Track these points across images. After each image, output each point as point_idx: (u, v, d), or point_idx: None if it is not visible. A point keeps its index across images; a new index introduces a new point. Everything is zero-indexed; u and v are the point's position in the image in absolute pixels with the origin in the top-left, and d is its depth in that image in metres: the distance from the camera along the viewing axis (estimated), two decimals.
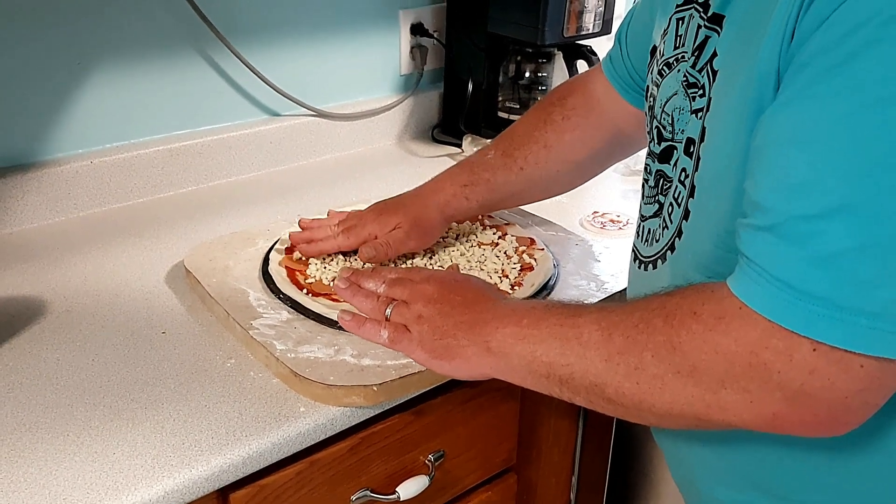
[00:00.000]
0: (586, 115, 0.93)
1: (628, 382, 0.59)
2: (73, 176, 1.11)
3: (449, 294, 0.75)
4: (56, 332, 0.85)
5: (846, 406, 0.52)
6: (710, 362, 0.55)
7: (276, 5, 1.25)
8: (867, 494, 0.63)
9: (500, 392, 0.90)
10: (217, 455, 0.68)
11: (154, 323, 0.87)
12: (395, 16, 1.39)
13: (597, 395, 0.62)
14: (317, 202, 1.16)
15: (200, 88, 1.22)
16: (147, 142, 1.18)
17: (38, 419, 0.72)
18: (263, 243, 0.99)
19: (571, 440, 1.09)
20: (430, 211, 0.94)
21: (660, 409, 0.59)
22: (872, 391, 0.51)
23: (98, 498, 0.63)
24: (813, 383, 0.51)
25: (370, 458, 0.80)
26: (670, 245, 0.68)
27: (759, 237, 0.53)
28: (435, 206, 0.94)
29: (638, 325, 0.59)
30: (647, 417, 0.62)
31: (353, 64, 1.37)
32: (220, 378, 0.78)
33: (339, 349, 0.78)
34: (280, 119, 1.30)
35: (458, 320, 0.72)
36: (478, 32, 1.34)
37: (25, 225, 1.09)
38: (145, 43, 1.14)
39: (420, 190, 0.97)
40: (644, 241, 0.74)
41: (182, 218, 1.12)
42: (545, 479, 1.08)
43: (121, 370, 0.79)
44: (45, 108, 1.09)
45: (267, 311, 0.85)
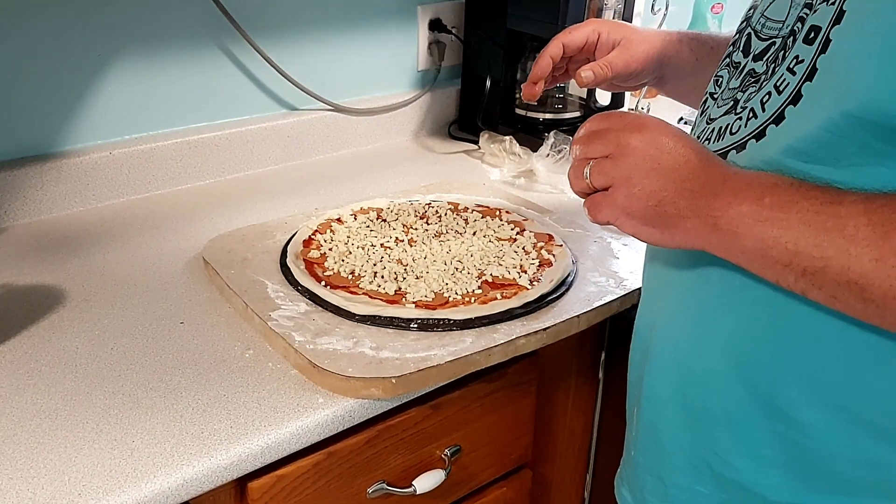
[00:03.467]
0: None
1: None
2: (92, 167, 1.11)
3: (667, 151, 0.62)
4: (75, 321, 0.85)
5: None
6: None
7: (297, 0, 1.25)
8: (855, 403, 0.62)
9: (517, 388, 0.90)
10: (235, 444, 0.68)
11: (172, 313, 0.87)
12: (414, 11, 1.39)
13: (852, 294, 0.56)
14: (333, 196, 1.17)
15: (220, 82, 1.22)
16: (166, 134, 1.19)
17: (57, 406, 0.72)
18: (281, 236, 0.99)
19: (587, 438, 1.09)
20: (654, 38, 0.89)
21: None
22: None
23: (117, 485, 0.64)
24: None
25: (387, 450, 0.80)
26: (757, 133, 0.63)
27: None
28: (658, 36, 0.90)
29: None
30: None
31: (371, 59, 1.37)
32: (239, 368, 0.78)
33: (358, 341, 0.78)
34: (298, 113, 1.31)
35: (681, 186, 0.61)
36: (496, 29, 1.34)
37: (44, 215, 1.09)
38: (165, 36, 1.14)
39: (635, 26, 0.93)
40: (705, 141, 0.69)
41: (200, 210, 1.13)
42: (560, 477, 1.08)
43: (140, 359, 0.79)
44: (65, 99, 1.10)
45: (285, 302, 0.85)
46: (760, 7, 0.70)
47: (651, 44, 0.89)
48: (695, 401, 0.70)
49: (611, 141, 0.64)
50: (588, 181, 0.65)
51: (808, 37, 0.61)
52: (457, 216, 1.05)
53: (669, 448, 0.73)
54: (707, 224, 0.61)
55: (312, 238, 0.97)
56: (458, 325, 0.81)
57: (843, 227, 0.55)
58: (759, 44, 0.67)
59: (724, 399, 0.68)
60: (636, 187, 0.62)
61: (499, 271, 0.91)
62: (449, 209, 1.06)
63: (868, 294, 0.55)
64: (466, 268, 0.92)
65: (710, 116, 0.71)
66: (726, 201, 0.60)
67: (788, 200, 0.58)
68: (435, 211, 1.05)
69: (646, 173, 0.62)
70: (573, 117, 1.38)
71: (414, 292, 0.86)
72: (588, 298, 0.89)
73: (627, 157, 0.63)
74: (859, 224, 0.55)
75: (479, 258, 0.94)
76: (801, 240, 0.57)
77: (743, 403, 0.67)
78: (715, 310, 0.67)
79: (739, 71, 0.69)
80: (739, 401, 0.67)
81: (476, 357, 0.79)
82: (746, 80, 0.67)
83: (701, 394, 0.69)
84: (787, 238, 0.57)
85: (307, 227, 0.99)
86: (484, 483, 0.93)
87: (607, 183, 0.64)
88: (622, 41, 0.88)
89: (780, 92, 0.62)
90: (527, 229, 1.02)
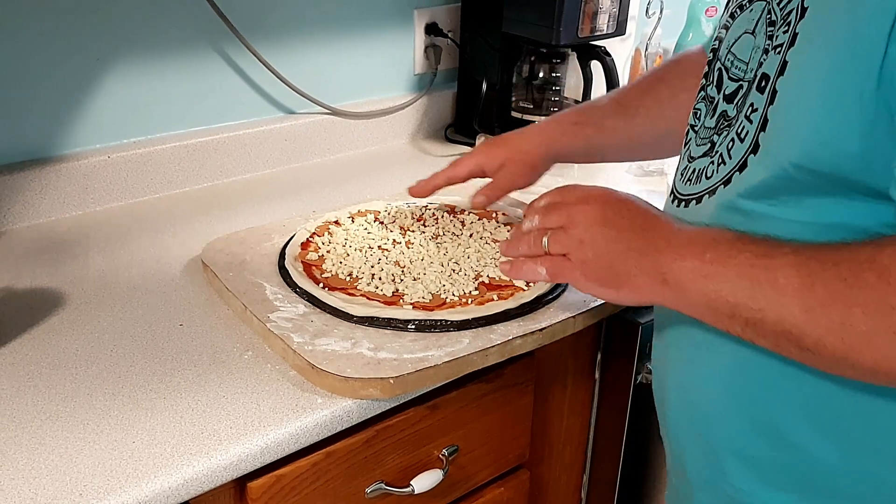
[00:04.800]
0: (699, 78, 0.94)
1: (831, 336, 0.56)
2: (90, 170, 1.12)
3: (613, 216, 0.69)
4: (75, 324, 0.86)
5: None
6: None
7: (293, 4, 1.26)
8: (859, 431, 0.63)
9: (514, 389, 0.90)
10: (235, 445, 0.69)
11: (172, 315, 0.87)
12: (410, 15, 1.40)
13: (789, 343, 0.59)
14: (331, 199, 1.17)
15: (217, 85, 1.23)
16: (164, 137, 1.19)
17: (58, 408, 0.73)
18: (279, 238, 0.99)
19: (584, 439, 1.09)
20: (537, 147, 0.94)
21: (865, 365, 0.56)
22: None
23: (118, 485, 0.64)
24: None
25: (385, 450, 0.81)
26: (726, 179, 0.66)
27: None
28: (542, 142, 0.95)
29: (846, 278, 0.55)
30: (845, 371, 0.59)
31: (367, 63, 1.38)
32: (238, 370, 0.78)
33: (356, 342, 0.79)
34: (295, 117, 1.31)
35: (628, 246, 0.67)
36: (492, 32, 1.35)
37: (43, 218, 1.10)
38: (163, 40, 1.15)
39: (528, 128, 0.98)
40: (687, 182, 0.72)
41: (198, 213, 1.13)
42: (557, 477, 1.08)
43: (139, 361, 0.80)
44: (64, 103, 1.10)
45: (284, 304, 0.85)
46: (726, 42, 0.71)
47: (533, 155, 0.95)
48: (707, 437, 0.72)
49: (563, 213, 0.71)
50: (546, 249, 0.72)
51: (760, 85, 0.63)
52: (453, 218, 1.05)
53: (695, 482, 0.76)
54: (656, 280, 0.65)
55: (310, 240, 0.98)
56: (456, 325, 0.82)
57: (775, 279, 0.58)
58: (729, 84, 0.69)
59: (731, 433, 0.69)
60: (588, 252, 0.69)
61: (495, 273, 0.92)
62: (445, 211, 1.07)
63: (803, 343, 0.58)
64: (463, 269, 0.92)
65: (690, 154, 0.73)
66: (671, 258, 0.64)
67: (727, 255, 0.62)
68: (432, 213, 1.06)
69: (596, 239, 0.68)
70: None
71: (411, 294, 0.87)
72: (584, 299, 0.90)
73: (578, 227, 0.70)
74: (789, 276, 0.58)
75: (475, 260, 0.95)
76: (739, 293, 0.60)
77: (749, 436, 0.68)
78: (712, 350, 0.69)
79: (714, 108, 0.71)
80: (745, 434, 0.68)
81: (473, 357, 0.80)
82: (721, 123, 0.69)
83: (711, 430, 0.71)
84: (727, 291, 0.61)
85: (305, 230, 0.99)
86: (481, 483, 0.94)
87: (564, 250, 0.71)
88: (505, 163, 0.95)
89: (742, 140, 0.65)
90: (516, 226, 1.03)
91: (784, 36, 0.61)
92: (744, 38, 0.68)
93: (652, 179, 1.31)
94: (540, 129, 0.97)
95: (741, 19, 0.69)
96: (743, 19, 0.69)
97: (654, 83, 0.94)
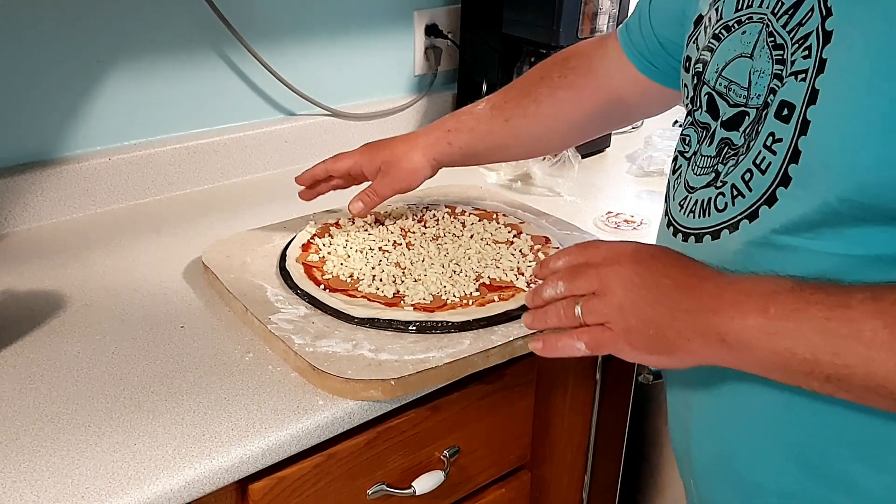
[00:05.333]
0: (585, 76, 0.93)
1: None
2: (91, 173, 1.12)
3: (651, 275, 0.62)
4: (76, 326, 0.86)
5: None
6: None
7: (293, 6, 1.26)
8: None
9: (515, 390, 0.90)
10: (237, 446, 0.69)
11: (173, 318, 0.88)
12: (410, 17, 1.40)
13: (881, 397, 0.54)
14: (331, 200, 1.17)
15: (217, 87, 1.23)
16: (164, 139, 1.19)
17: (59, 410, 0.73)
18: (280, 240, 1.00)
19: (585, 439, 1.09)
20: (414, 153, 0.96)
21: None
22: None
23: (120, 487, 0.64)
24: None
25: (387, 452, 0.81)
26: (749, 213, 0.62)
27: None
28: (419, 147, 0.96)
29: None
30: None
31: (367, 64, 1.38)
32: (239, 372, 0.78)
33: (357, 344, 0.79)
34: (295, 118, 1.31)
35: (676, 307, 0.60)
36: (492, 33, 1.35)
37: (44, 221, 1.10)
38: (163, 42, 1.15)
39: (409, 134, 0.99)
40: (690, 214, 0.69)
41: (199, 215, 1.13)
42: (558, 478, 1.08)
43: (141, 363, 0.80)
44: (64, 105, 1.10)
45: (285, 306, 0.85)
46: (713, 65, 0.68)
47: (413, 160, 0.96)
48: (744, 475, 0.68)
49: (593, 277, 0.64)
50: (581, 319, 0.64)
51: (782, 113, 0.60)
52: (454, 219, 1.05)
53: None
54: (713, 342, 0.59)
55: (311, 242, 0.98)
56: (457, 327, 0.82)
57: (860, 332, 0.53)
58: (728, 109, 0.66)
59: (775, 474, 0.66)
60: (632, 319, 0.61)
61: (496, 274, 0.92)
62: (446, 212, 1.07)
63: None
64: (464, 270, 0.93)
65: (688, 183, 0.70)
66: (729, 316, 0.58)
67: (794, 308, 0.56)
68: (432, 214, 1.06)
69: (637, 304, 0.61)
70: None
71: (412, 295, 0.87)
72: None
73: (615, 292, 0.62)
74: (876, 328, 0.53)
75: (476, 261, 0.95)
76: (818, 350, 0.55)
77: (796, 477, 0.65)
78: (752, 388, 0.65)
79: (711, 136, 0.68)
80: (791, 475, 0.65)
81: (474, 359, 0.80)
82: (726, 152, 0.66)
83: (749, 469, 0.67)
84: (803, 349, 0.55)
85: (306, 232, 1.00)
86: (483, 484, 0.94)
87: (602, 320, 0.63)
88: (382, 166, 0.96)
89: (763, 172, 0.61)
90: (523, 232, 1.03)
91: (806, 62, 0.58)
92: (738, 61, 0.65)
93: (652, 180, 1.31)
94: (417, 134, 0.98)
95: (730, 41, 0.67)
96: (733, 41, 0.66)
97: (535, 81, 0.96)
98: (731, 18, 0.67)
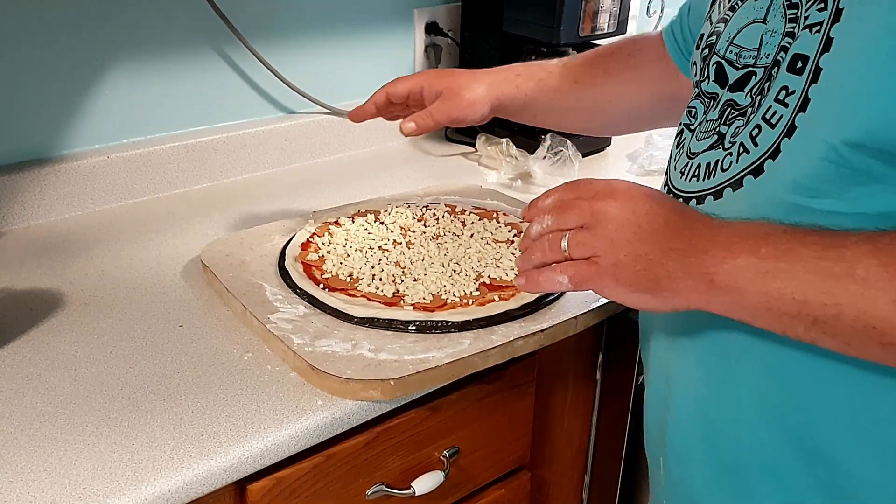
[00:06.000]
0: (649, 63, 0.93)
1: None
2: (89, 171, 1.11)
3: (645, 213, 0.60)
4: (74, 325, 0.85)
5: None
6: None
7: (293, 4, 1.25)
8: None
9: (515, 390, 0.90)
10: (235, 447, 0.69)
11: (171, 317, 0.87)
12: (410, 15, 1.40)
13: (869, 340, 0.53)
14: (331, 199, 1.17)
15: (217, 85, 1.22)
16: (163, 138, 1.19)
17: (57, 410, 0.72)
18: (279, 239, 0.99)
19: (584, 440, 1.09)
20: (478, 85, 0.94)
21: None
22: None
23: (118, 487, 0.64)
24: None
25: (386, 452, 0.81)
26: (754, 169, 0.61)
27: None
28: (484, 82, 0.94)
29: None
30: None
31: (368, 63, 1.38)
32: (238, 371, 0.78)
33: (357, 343, 0.79)
34: (295, 117, 1.31)
35: (667, 246, 0.59)
36: (492, 32, 1.34)
37: (42, 219, 1.09)
38: (163, 40, 1.15)
39: (475, 70, 0.97)
40: (693, 178, 0.67)
41: (198, 214, 1.13)
42: (558, 479, 1.08)
43: (139, 363, 0.79)
44: (63, 103, 1.10)
45: (284, 305, 0.85)
46: (725, 35, 0.68)
47: (476, 91, 0.93)
48: (726, 453, 0.67)
49: (585, 210, 0.62)
50: (567, 253, 0.63)
51: (795, 66, 0.59)
52: (454, 218, 1.05)
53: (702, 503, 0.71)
54: (702, 283, 0.58)
55: (310, 241, 0.97)
56: (457, 326, 0.82)
57: (853, 270, 0.53)
58: (735, 73, 0.66)
59: (759, 448, 0.65)
60: (621, 254, 0.60)
61: (496, 273, 0.92)
62: (446, 211, 1.07)
63: (888, 338, 0.53)
64: (464, 270, 0.92)
65: (690, 150, 0.69)
66: (720, 257, 0.57)
67: (787, 249, 0.55)
68: (432, 213, 1.06)
69: (628, 239, 0.60)
70: None
71: (412, 294, 0.87)
72: (585, 300, 0.90)
73: (606, 225, 0.61)
74: (870, 266, 0.52)
75: (476, 260, 0.95)
76: (809, 289, 0.54)
77: (780, 451, 0.64)
78: (739, 358, 0.64)
79: (717, 102, 0.67)
80: (776, 449, 0.64)
81: (474, 359, 0.79)
82: (730, 113, 0.65)
83: (732, 445, 0.66)
84: (793, 288, 0.55)
85: (305, 230, 0.99)
86: (483, 484, 0.93)
87: (588, 253, 0.62)
88: (444, 91, 0.93)
89: (773, 125, 0.60)
90: (524, 231, 1.02)
91: (821, 14, 0.57)
92: (751, 27, 0.65)
93: (653, 179, 1.30)
94: (486, 72, 0.96)
95: (744, 9, 0.67)
96: (747, 9, 0.67)
97: (605, 56, 0.95)
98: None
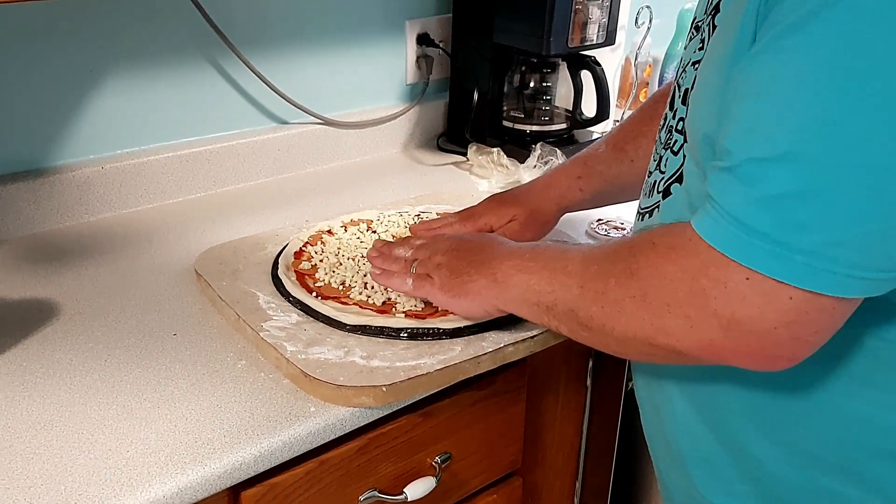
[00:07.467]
0: None
1: (595, 307, 0.65)
2: (84, 181, 1.12)
3: (465, 243, 0.83)
4: (68, 334, 0.86)
5: (776, 338, 0.56)
6: (657, 287, 0.60)
7: (286, 15, 1.26)
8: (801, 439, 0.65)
9: (506, 396, 0.91)
10: (229, 453, 0.69)
11: (165, 325, 0.88)
12: (402, 26, 1.41)
13: (573, 321, 0.68)
14: (324, 208, 1.18)
15: (210, 96, 1.23)
16: (157, 148, 1.20)
17: (52, 417, 0.73)
18: (272, 248, 1.00)
19: (576, 445, 1.10)
20: (546, 203, 0.97)
21: (619, 332, 0.64)
22: (801, 325, 0.55)
23: (113, 494, 0.65)
24: (744, 311, 0.56)
25: (378, 458, 0.81)
26: (666, 191, 0.71)
27: (720, 177, 0.57)
28: (550, 198, 0.97)
29: (609, 255, 0.66)
30: (610, 343, 0.67)
31: (360, 73, 1.39)
32: (232, 379, 0.79)
33: (349, 351, 0.80)
34: (288, 127, 1.32)
35: (472, 259, 0.80)
36: (483, 43, 1.36)
37: (37, 229, 1.10)
38: (156, 51, 1.16)
39: (534, 184, 1.00)
40: (646, 195, 0.76)
41: (191, 223, 1.14)
42: (550, 484, 1.09)
43: (133, 371, 0.80)
44: (58, 114, 1.11)
45: (277, 313, 0.86)
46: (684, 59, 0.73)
47: (544, 213, 0.98)
48: (673, 443, 0.75)
49: (430, 248, 0.85)
50: (414, 271, 0.84)
51: (684, 98, 0.68)
52: None
53: (670, 487, 0.80)
54: (490, 280, 0.77)
55: (303, 250, 0.98)
56: (448, 333, 0.83)
57: (566, 266, 0.69)
58: (676, 98, 0.72)
59: (694, 440, 0.73)
60: (443, 270, 0.81)
61: None
62: None
63: (580, 317, 0.67)
64: None
65: (649, 170, 0.77)
66: (500, 260, 0.77)
67: (540, 254, 0.74)
68: None
69: (448, 260, 0.82)
70: (559, 129, 1.40)
71: (403, 302, 0.88)
72: None
73: (437, 254, 0.83)
74: (575, 261, 0.69)
75: None
76: (541, 281, 0.71)
77: (710, 443, 0.71)
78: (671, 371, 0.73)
79: (665, 126, 0.74)
80: (707, 441, 0.71)
81: (465, 365, 0.80)
82: (668, 137, 0.72)
83: (676, 435, 0.75)
84: (534, 281, 0.72)
85: (298, 239, 1.00)
86: (474, 490, 0.94)
87: (425, 272, 0.83)
88: (515, 219, 0.96)
89: (676, 153, 0.69)
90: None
91: (700, 53, 0.66)
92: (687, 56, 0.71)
93: None
94: (546, 184, 0.99)
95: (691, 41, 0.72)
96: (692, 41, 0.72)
97: (646, 121, 0.96)
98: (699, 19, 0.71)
